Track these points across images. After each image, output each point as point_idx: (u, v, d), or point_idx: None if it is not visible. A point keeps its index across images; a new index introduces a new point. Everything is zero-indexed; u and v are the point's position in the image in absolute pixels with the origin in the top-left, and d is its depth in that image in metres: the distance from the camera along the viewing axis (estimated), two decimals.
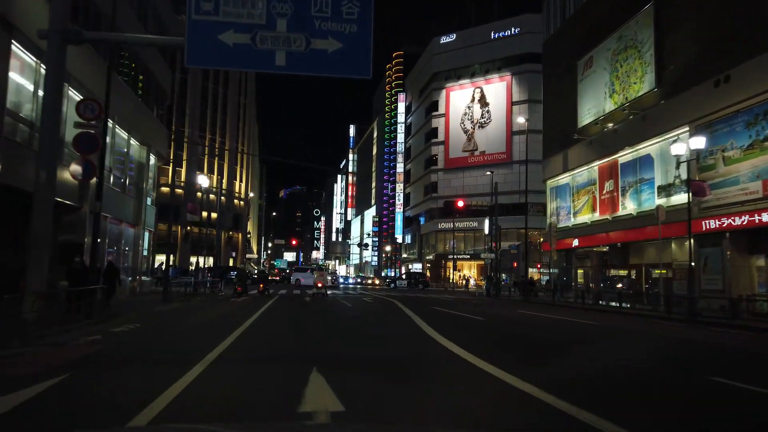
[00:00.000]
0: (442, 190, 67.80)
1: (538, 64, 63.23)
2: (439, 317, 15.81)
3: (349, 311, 18.49)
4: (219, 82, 64.26)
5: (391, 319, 15.50)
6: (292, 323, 14.27)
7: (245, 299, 22.98)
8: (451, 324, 14.00)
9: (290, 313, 17.62)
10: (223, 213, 64.84)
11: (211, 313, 16.40)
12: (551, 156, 31.20)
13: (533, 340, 11.55)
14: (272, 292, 31.05)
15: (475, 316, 16.76)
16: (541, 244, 33.52)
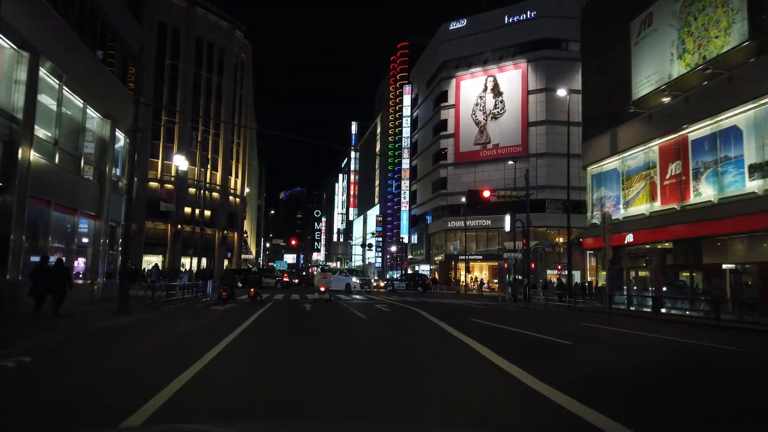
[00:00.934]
0: (452, 186, 63.29)
1: (556, 50, 58.94)
2: (501, 340, 11.05)
3: (367, 329, 13.36)
4: (213, 70, 59.77)
5: (433, 341, 10.77)
6: (283, 356, 9.47)
7: (229, 308, 18.36)
8: (536, 355, 9.28)
9: (283, 332, 12.74)
10: (217, 210, 60.37)
11: (170, 333, 11.78)
12: (594, 138, 26.62)
13: (712, 390, 6.91)
14: (265, 297, 26.45)
15: (545, 335, 11.95)
16: (582, 241, 28.89)
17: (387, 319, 15.59)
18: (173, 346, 9.70)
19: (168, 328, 12.66)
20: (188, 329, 12.84)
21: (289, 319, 15.06)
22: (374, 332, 12.22)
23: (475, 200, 26.49)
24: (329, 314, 16.56)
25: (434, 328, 12.59)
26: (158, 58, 54.72)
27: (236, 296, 24.99)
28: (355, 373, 7.15)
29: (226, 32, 61.92)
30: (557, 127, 57.20)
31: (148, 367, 7.52)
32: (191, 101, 57.30)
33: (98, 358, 8.33)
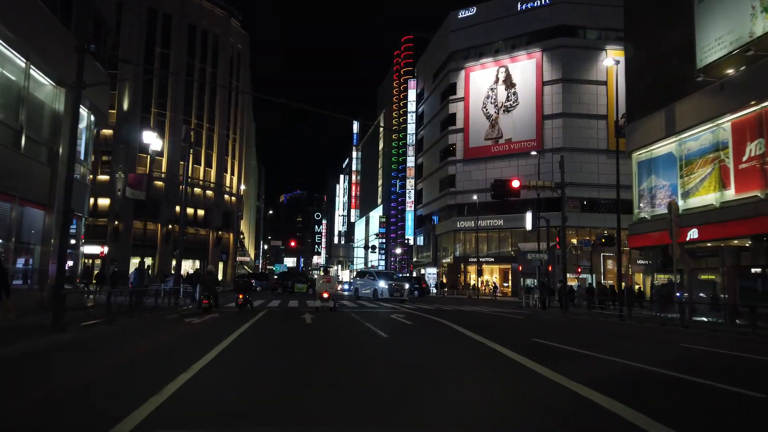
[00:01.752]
0: (461, 184, 59.58)
1: (573, 37, 55.18)
2: (622, 381, 6.80)
3: (393, 355, 9.02)
4: (207, 61, 56.07)
5: (513, 384, 6.54)
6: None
7: (208, 320, 14.45)
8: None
9: (268, 368, 8.20)
10: (211, 209, 56.56)
11: (106, 363, 7.90)
12: (642, 119, 22.77)
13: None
14: (258, 304, 22.61)
15: (674, 370, 7.53)
16: (628, 239, 25.07)
17: (415, 338, 11.46)
18: (107, 385, 5.93)
19: (118, 350, 8.86)
20: (151, 347, 9.04)
21: (281, 339, 10.94)
22: (406, 362, 8.13)
23: (502, 191, 22.69)
24: (337, 330, 12.67)
25: (493, 356, 8.56)
26: (147, 45, 51.11)
27: (221, 303, 21.17)
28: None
29: (221, 20, 58.27)
30: (575, 120, 53.56)
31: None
32: (183, 93, 53.58)
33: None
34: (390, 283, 29.41)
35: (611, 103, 53.91)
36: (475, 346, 9.77)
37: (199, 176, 55.05)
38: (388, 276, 32.87)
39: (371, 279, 31.84)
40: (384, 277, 31.29)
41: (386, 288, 29.04)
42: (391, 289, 28.73)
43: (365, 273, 36.03)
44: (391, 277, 31.98)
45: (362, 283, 33.32)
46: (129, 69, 49.76)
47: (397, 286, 29.46)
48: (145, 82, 50.83)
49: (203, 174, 55.52)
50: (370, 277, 32.74)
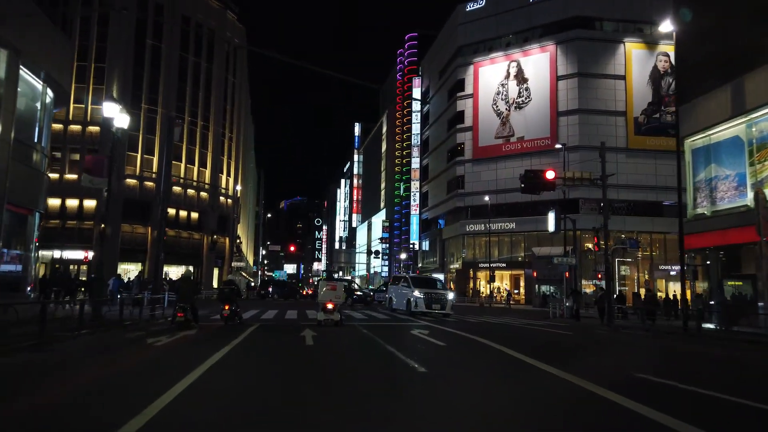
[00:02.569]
0: (469, 186, 56.32)
1: (589, 29, 52.05)
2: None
3: (463, 416, 5.10)
4: (202, 55, 53.01)
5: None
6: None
7: (178, 340, 10.98)
8: None
9: None
10: (206, 212, 53.31)
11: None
12: (699, 97, 19.47)
13: None
14: (250, 316, 19.35)
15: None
16: (684, 239, 21.69)
17: (465, 373, 7.85)
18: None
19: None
20: (57, 395, 5.74)
21: (268, 378, 7.16)
22: None
23: (534, 184, 19.49)
24: (348, 357, 9.39)
25: (631, 419, 5.21)
26: (138, 37, 48.06)
27: (207, 315, 17.92)
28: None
29: (216, 12, 55.26)
30: (592, 117, 50.37)
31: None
32: (176, 88, 50.43)
33: None
34: (427, 292, 23.16)
35: (630, 98, 50.90)
36: (568, 390, 6.34)
37: (192, 176, 51.86)
38: (426, 282, 26.01)
39: (405, 286, 25.10)
40: (420, 284, 24.68)
41: (421, 298, 22.85)
42: (428, 300, 22.63)
43: (399, 278, 28.49)
44: (430, 284, 25.45)
45: (396, 291, 26.42)
46: (118, 62, 46.74)
47: (435, 296, 23.13)
48: (135, 77, 47.74)
49: (197, 174, 52.32)
50: (404, 283, 25.72)
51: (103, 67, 46.78)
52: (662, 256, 50.81)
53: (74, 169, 46.14)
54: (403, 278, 27.31)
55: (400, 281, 26.98)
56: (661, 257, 50.64)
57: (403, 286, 25.44)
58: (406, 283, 25.52)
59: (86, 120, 46.25)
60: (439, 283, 26.49)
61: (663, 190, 49.80)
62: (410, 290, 23.87)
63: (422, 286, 24.10)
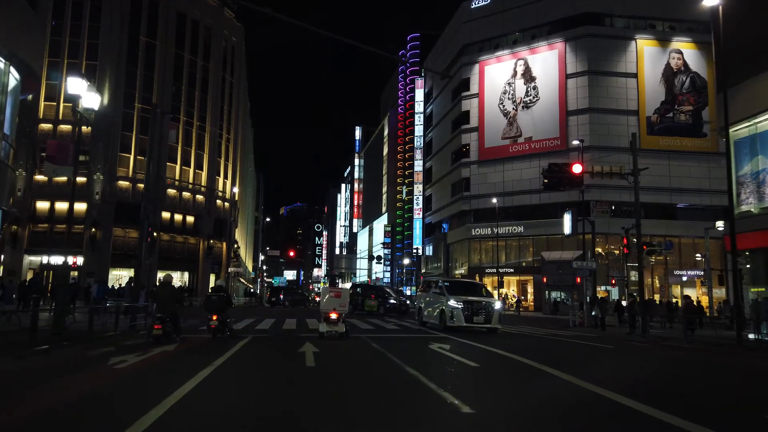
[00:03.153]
0: (475, 188, 54.39)
1: (599, 26, 50.21)
2: None
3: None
4: (198, 53, 51.16)
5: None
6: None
7: (149, 361, 8.90)
8: None
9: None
10: (202, 216, 51.31)
11: None
12: (745, 81, 17.42)
13: None
14: (245, 326, 17.36)
15: None
16: (724, 239, 19.69)
17: (528, 413, 5.70)
18: None
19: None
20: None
21: (253, 423, 5.09)
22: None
23: (558, 179, 17.52)
24: (362, 386, 7.21)
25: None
26: (131, 33, 46.24)
27: (194, 326, 15.93)
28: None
29: (213, 10, 53.49)
30: (603, 116, 48.49)
31: None
32: (171, 87, 48.53)
33: None
34: (467, 301, 17.56)
35: (642, 97, 49.01)
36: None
37: (188, 179, 49.89)
38: (464, 288, 19.82)
39: (437, 294, 19.47)
40: (457, 291, 18.86)
41: (459, 309, 17.41)
42: (468, 311, 17.25)
43: (430, 284, 22.27)
44: (469, 290, 19.39)
45: (427, 299, 20.73)
46: (110, 59, 44.90)
47: (478, 305, 17.49)
48: (128, 75, 45.85)
49: (193, 177, 50.35)
50: (436, 290, 19.92)
51: (95, 65, 44.93)
52: (677, 260, 48.75)
53: None
54: (434, 284, 21.22)
55: (432, 287, 21.14)
56: (675, 262, 48.58)
57: (435, 293, 19.70)
58: (439, 289, 19.56)
59: (76, 119, 44.22)
60: (482, 289, 20.67)
61: (677, 192, 47.87)
62: (445, 299, 18.30)
63: (460, 293, 18.38)
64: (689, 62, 49.35)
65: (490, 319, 17.47)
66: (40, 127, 43.77)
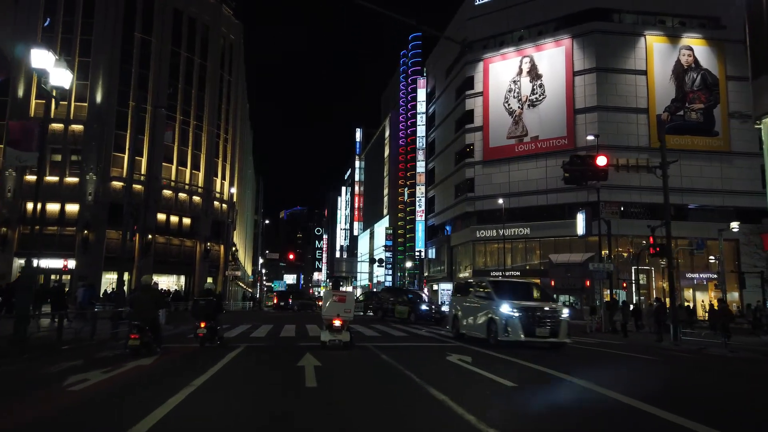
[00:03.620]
0: (480, 189, 52.92)
1: (607, 21, 48.86)
2: None
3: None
4: (195, 50, 49.76)
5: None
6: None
7: (123, 375, 7.56)
8: None
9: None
10: (198, 217, 49.81)
11: None
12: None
13: None
14: (235, 334, 15.85)
15: None
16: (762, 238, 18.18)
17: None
18: None
19: None
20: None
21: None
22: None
23: (581, 173, 16.04)
24: (382, 418, 5.66)
25: None
26: (126, 30, 44.84)
27: (179, 334, 14.43)
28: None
29: (211, 7, 52.13)
30: (612, 114, 47.05)
31: None
32: (167, 85, 47.09)
33: None
34: (526, 308, 13.69)
35: (652, 94, 47.56)
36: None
37: (184, 179, 48.40)
38: (517, 290, 15.68)
39: (482, 297, 15.28)
40: (509, 293, 14.74)
41: (516, 317, 13.45)
42: (529, 320, 13.36)
43: (469, 286, 17.61)
44: (524, 292, 15.47)
45: (465, 305, 16.26)
46: (104, 56, 43.52)
47: (541, 313, 13.64)
48: (122, 72, 44.42)
49: (189, 177, 48.85)
50: (480, 293, 15.70)
51: (88, 62, 43.52)
52: (688, 263, 47.22)
53: (55, 170, 42.76)
54: (476, 285, 16.91)
55: (473, 290, 16.61)
56: (686, 265, 47.01)
57: (479, 297, 15.44)
58: (483, 292, 15.46)
59: (69, 118, 42.88)
60: (537, 290, 16.49)
61: (689, 192, 46.36)
62: (493, 304, 14.13)
63: (512, 296, 14.25)
64: (700, 59, 47.98)
65: (556, 330, 13.45)
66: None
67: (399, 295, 30.04)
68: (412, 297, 28.88)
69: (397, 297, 29.50)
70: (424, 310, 27.11)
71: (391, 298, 29.72)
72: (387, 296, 30.63)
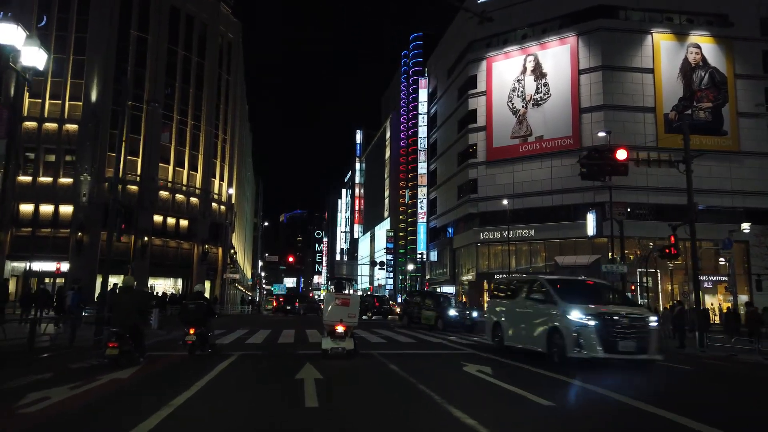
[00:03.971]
0: (483, 190, 51.83)
1: (613, 19, 47.86)
2: None
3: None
4: (192, 49, 48.77)
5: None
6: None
7: (93, 393, 6.45)
8: None
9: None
10: (196, 219, 48.72)
11: None
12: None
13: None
14: (230, 341, 14.82)
15: None
16: None
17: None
18: None
19: None
20: None
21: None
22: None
23: (600, 167, 14.96)
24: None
25: None
26: (122, 27, 43.86)
27: (167, 339, 13.37)
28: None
29: (209, 5, 51.17)
30: (618, 113, 45.98)
31: None
32: (164, 83, 46.10)
33: None
34: (604, 314, 10.49)
35: (659, 93, 46.51)
36: None
37: (181, 180, 47.33)
38: (585, 290, 12.42)
39: (539, 300, 12.12)
40: (576, 295, 11.40)
41: (591, 327, 10.25)
42: (608, 331, 10.19)
43: (517, 286, 13.99)
44: (594, 295, 11.93)
45: (512, 310, 13.25)
46: (99, 54, 42.53)
47: (623, 322, 10.35)
48: (118, 70, 43.40)
49: (186, 178, 47.78)
50: (536, 295, 12.43)
51: (83, 60, 42.56)
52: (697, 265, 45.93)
53: (49, 171, 41.74)
54: (527, 285, 13.23)
55: (523, 290, 13.08)
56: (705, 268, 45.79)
57: (535, 300, 12.22)
58: (540, 293, 12.17)
59: (63, 117, 41.89)
60: (612, 292, 13.30)
61: (697, 193, 44.93)
62: (556, 309, 11.02)
63: (581, 299, 11.00)
64: (708, 57, 46.97)
65: (644, 345, 10.32)
66: (25, 126, 41.28)
67: (426, 300, 27.41)
68: (439, 302, 26.25)
69: (423, 300, 27.24)
70: (453, 316, 24.46)
71: (420, 303, 27.27)
72: (416, 301, 28.19)
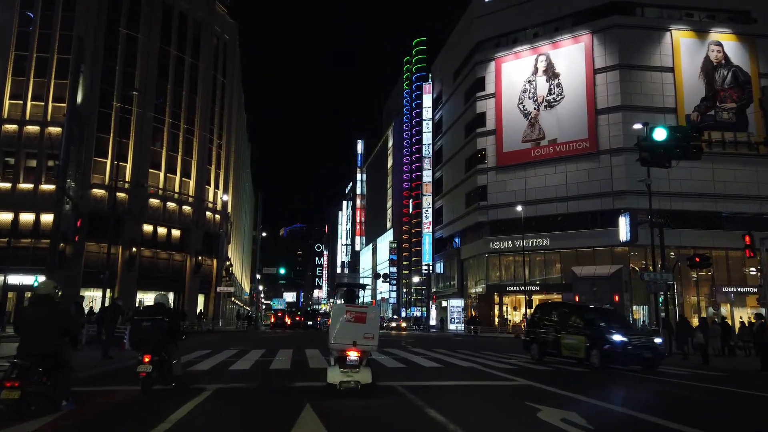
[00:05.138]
0: (493, 197, 48.98)
1: (629, 15, 45.31)
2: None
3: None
4: (186, 49, 46.24)
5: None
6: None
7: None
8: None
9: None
10: (189, 229, 45.78)
11: None
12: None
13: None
14: (211, 366, 11.86)
15: None
16: None
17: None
18: None
19: None
20: None
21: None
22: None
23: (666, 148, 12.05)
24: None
25: None
26: (110, 24, 41.33)
27: (117, 369, 10.44)
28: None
29: (204, 4, 48.74)
30: (637, 115, 43.03)
31: None
32: (155, 85, 43.48)
33: None
34: None
35: (680, 93, 43.81)
36: None
37: (173, 188, 44.50)
38: None
39: None
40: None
41: None
42: None
43: None
44: None
45: None
46: (86, 53, 39.83)
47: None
48: (106, 70, 40.81)
49: (179, 185, 44.94)
50: None
51: (67, 59, 39.84)
52: (723, 276, 43.01)
53: (30, 177, 38.91)
54: None
55: None
56: (722, 278, 42.79)
57: None
58: None
59: (46, 120, 39.17)
60: None
61: (722, 198, 42.43)
62: None
63: None
64: (730, 55, 44.40)
65: None
66: (4, 128, 38.64)
67: (570, 316, 16.40)
68: (594, 318, 15.41)
69: (565, 318, 16.38)
70: (620, 343, 13.95)
71: (553, 320, 16.80)
72: (546, 317, 17.48)
